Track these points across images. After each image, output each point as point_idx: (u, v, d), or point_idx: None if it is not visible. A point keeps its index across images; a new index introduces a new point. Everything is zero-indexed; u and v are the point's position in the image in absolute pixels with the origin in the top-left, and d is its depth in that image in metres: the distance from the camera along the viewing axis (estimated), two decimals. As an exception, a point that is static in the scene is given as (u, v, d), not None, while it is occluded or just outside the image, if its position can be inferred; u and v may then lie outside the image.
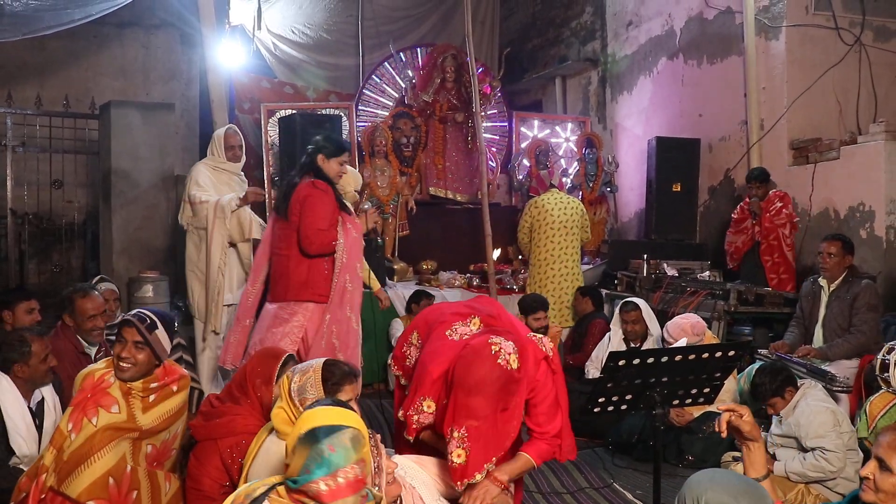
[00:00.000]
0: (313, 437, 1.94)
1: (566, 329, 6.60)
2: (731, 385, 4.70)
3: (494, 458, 2.69)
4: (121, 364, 3.08)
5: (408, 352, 3.14)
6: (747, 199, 6.50)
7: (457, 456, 2.58)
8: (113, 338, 3.25)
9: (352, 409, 2.12)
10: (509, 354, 2.63)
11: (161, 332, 3.17)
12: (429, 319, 3.12)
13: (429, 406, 2.80)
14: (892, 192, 6.13)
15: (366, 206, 4.25)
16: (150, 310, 3.33)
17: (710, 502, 2.22)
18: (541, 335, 2.92)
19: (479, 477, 2.62)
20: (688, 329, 4.92)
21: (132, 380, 3.10)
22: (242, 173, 5.87)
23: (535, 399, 2.85)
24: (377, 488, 2.15)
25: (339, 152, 4.37)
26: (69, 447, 2.88)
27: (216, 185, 5.55)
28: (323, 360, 2.73)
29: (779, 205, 6.30)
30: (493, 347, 2.63)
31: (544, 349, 2.87)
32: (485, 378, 2.59)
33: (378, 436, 2.22)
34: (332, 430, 1.95)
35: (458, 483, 2.62)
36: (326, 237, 4.22)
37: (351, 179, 5.58)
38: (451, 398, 2.65)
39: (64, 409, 3.44)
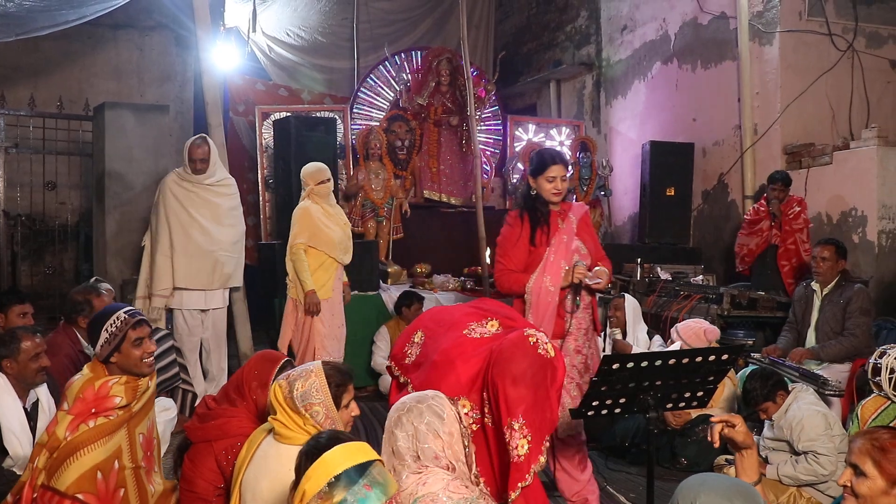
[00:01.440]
0: (348, 478, 1.97)
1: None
2: (729, 392, 4.73)
3: (548, 439, 2.82)
4: (147, 361, 3.06)
5: (409, 351, 3.16)
6: (764, 200, 6.42)
7: (521, 447, 2.69)
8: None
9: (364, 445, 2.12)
10: (546, 343, 2.81)
11: None
12: (436, 318, 3.18)
13: (464, 405, 2.87)
14: (885, 198, 6.16)
15: (576, 261, 3.81)
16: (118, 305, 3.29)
17: (704, 506, 2.24)
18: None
19: (542, 460, 2.74)
20: (702, 335, 4.93)
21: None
22: (231, 177, 5.82)
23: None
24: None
25: (541, 168, 3.84)
26: (62, 446, 2.86)
27: (181, 202, 5.52)
28: (319, 362, 2.70)
29: (797, 209, 6.15)
30: (530, 339, 2.80)
31: None
32: (529, 368, 2.75)
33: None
34: (362, 468, 1.99)
35: (519, 484, 2.69)
36: (510, 281, 3.92)
37: (315, 173, 5.47)
38: (500, 395, 2.75)
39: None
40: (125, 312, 3.08)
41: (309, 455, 2.04)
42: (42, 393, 3.50)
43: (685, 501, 2.30)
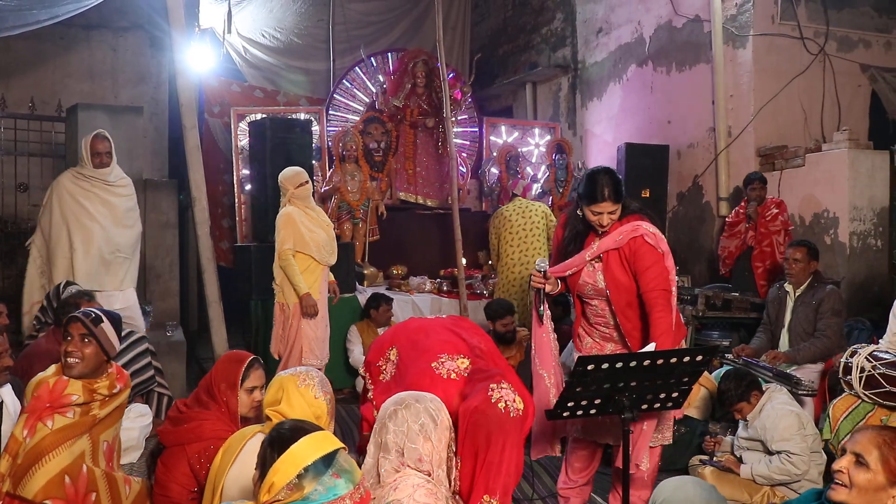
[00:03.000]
0: (316, 469, 2.01)
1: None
2: (704, 393, 4.77)
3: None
4: (68, 360, 3.04)
5: (384, 367, 3.10)
6: (744, 203, 6.47)
7: None
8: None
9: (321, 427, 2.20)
10: (513, 401, 2.69)
11: (107, 326, 3.14)
12: (412, 338, 3.10)
13: None
14: (855, 199, 6.24)
15: (537, 265, 3.46)
16: (96, 308, 3.31)
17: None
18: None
19: None
20: None
21: (82, 376, 3.05)
22: (128, 177, 5.77)
23: None
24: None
25: (588, 199, 3.34)
26: (24, 450, 2.83)
27: (79, 201, 5.46)
28: (312, 368, 2.87)
29: (774, 211, 6.24)
30: (499, 405, 2.67)
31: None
32: (507, 435, 2.66)
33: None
34: (329, 458, 2.04)
35: None
36: None
37: (293, 177, 5.36)
38: (479, 463, 2.65)
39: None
40: (88, 308, 3.15)
41: (274, 446, 2.04)
42: (6, 395, 3.43)
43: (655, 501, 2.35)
